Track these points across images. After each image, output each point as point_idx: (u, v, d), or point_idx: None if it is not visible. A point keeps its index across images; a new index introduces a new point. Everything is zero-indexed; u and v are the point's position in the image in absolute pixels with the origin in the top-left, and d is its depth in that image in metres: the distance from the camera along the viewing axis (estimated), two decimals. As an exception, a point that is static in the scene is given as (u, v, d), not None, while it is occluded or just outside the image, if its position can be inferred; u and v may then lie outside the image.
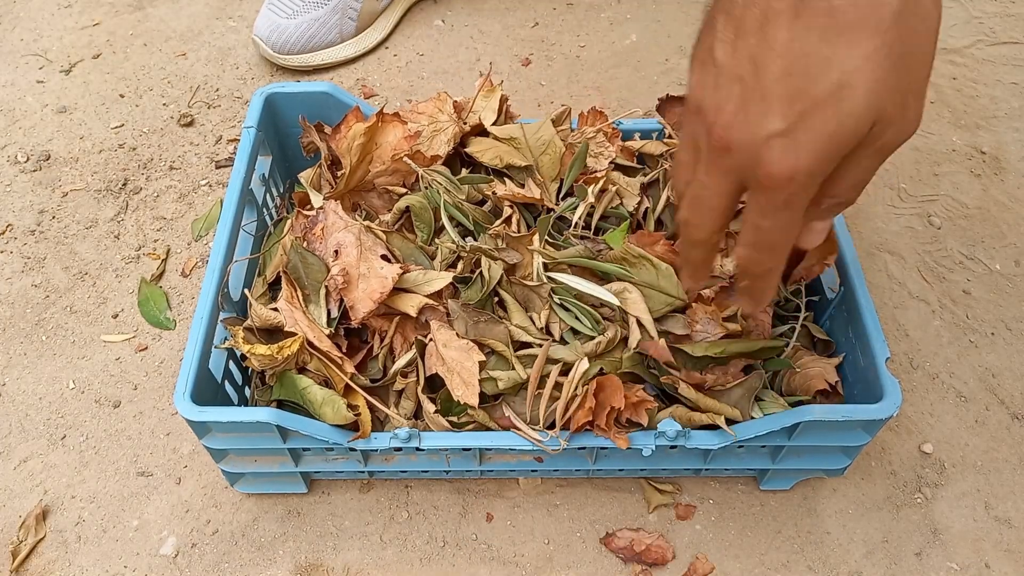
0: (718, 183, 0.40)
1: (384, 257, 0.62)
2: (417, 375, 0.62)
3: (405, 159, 0.68)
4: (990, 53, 1.04)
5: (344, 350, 0.61)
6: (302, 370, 0.62)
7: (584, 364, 0.59)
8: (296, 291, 0.62)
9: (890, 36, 0.34)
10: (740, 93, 0.37)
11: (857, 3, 0.34)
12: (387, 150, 0.69)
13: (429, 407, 0.60)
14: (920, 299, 0.81)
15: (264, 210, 0.73)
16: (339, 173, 0.70)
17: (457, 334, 0.60)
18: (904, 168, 0.92)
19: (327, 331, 0.61)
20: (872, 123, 0.36)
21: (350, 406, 0.59)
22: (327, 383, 0.61)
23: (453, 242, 0.65)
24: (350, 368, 0.60)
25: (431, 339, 0.61)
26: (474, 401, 0.58)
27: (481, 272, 0.63)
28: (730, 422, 0.59)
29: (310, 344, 0.60)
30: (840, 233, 0.66)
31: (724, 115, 0.37)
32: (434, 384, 0.62)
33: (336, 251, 0.62)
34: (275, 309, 0.61)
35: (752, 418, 0.60)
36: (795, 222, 0.39)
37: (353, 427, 0.59)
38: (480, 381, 0.59)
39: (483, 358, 0.59)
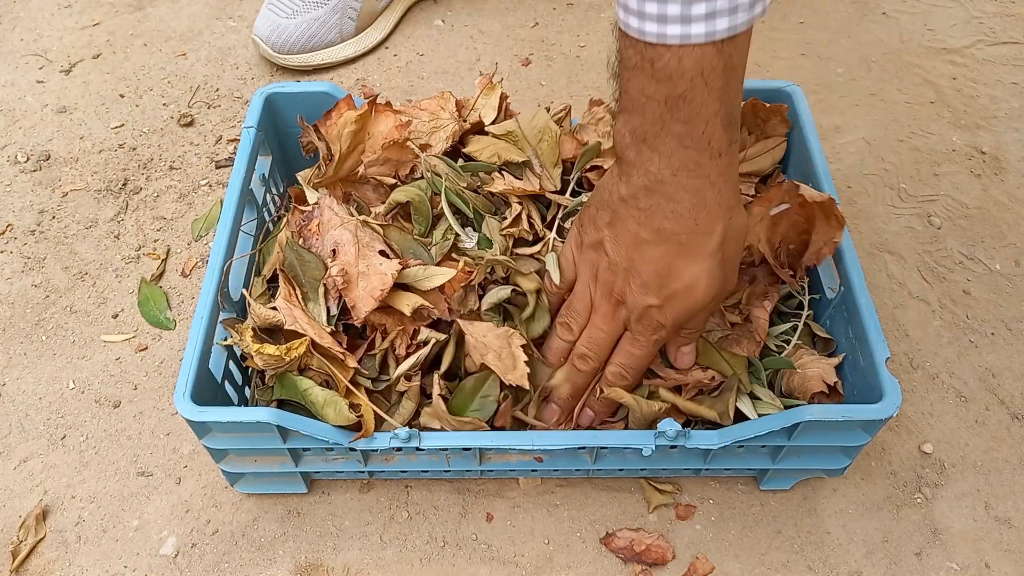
0: (610, 327, 0.59)
1: (382, 253, 0.62)
2: (439, 365, 0.62)
3: (408, 144, 0.68)
4: (990, 53, 1.04)
5: (344, 347, 0.61)
6: (302, 371, 0.62)
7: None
8: (294, 289, 0.62)
9: (718, 255, 0.54)
10: (625, 278, 0.57)
11: (699, 239, 0.53)
12: (379, 140, 0.69)
13: (439, 399, 0.60)
14: (920, 299, 0.81)
15: (264, 210, 0.73)
16: (329, 161, 0.70)
17: (495, 323, 0.62)
18: (904, 168, 0.92)
19: (328, 329, 0.61)
20: (711, 301, 0.56)
21: (352, 406, 0.59)
22: (327, 384, 0.61)
23: (460, 239, 0.65)
24: (352, 363, 0.60)
25: (468, 333, 0.62)
26: (525, 382, 0.59)
27: (532, 296, 0.63)
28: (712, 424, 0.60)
29: (312, 342, 0.60)
30: (840, 233, 0.66)
31: (617, 286, 0.57)
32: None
33: (334, 250, 0.62)
34: (274, 308, 0.61)
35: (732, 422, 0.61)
36: (653, 355, 0.60)
37: (355, 427, 0.59)
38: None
39: (525, 342, 0.60)
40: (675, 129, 0.50)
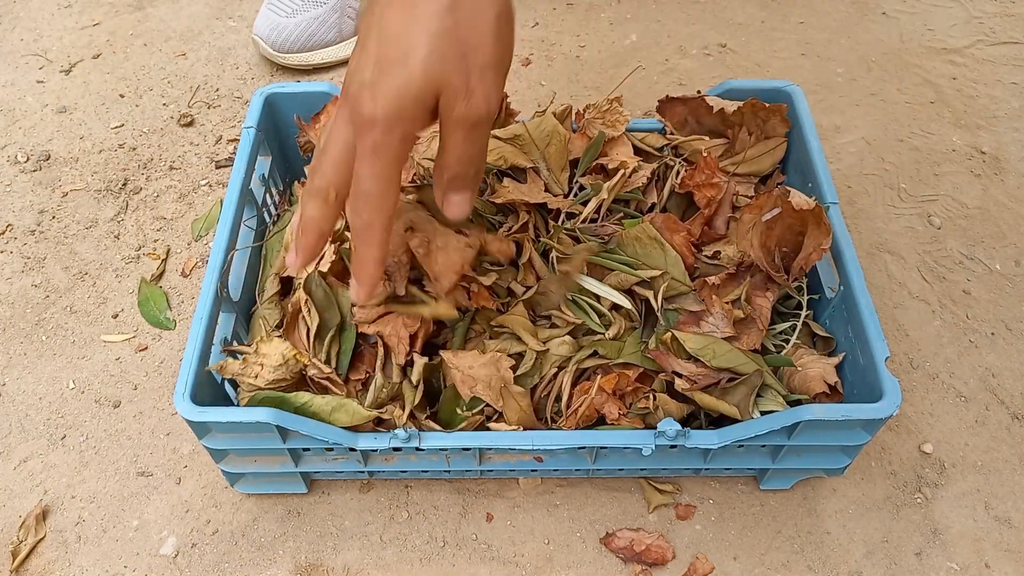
0: (339, 131, 0.47)
1: (459, 231, 0.62)
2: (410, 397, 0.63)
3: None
4: (990, 53, 1.04)
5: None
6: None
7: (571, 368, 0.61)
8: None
9: (448, 18, 0.43)
10: (359, 53, 0.46)
11: None
12: None
13: (428, 421, 0.61)
14: (920, 299, 0.81)
15: (264, 210, 0.73)
16: None
17: (479, 351, 0.62)
18: (904, 168, 0.92)
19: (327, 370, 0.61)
20: (436, 90, 0.44)
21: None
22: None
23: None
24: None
25: (453, 367, 0.61)
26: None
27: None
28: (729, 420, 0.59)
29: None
30: (840, 233, 0.66)
31: (350, 70, 0.46)
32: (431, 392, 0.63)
33: (409, 228, 0.62)
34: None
35: (752, 417, 0.60)
36: (387, 173, 0.46)
37: (370, 425, 0.59)
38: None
39: (512, 362, 0.61)
40: None
